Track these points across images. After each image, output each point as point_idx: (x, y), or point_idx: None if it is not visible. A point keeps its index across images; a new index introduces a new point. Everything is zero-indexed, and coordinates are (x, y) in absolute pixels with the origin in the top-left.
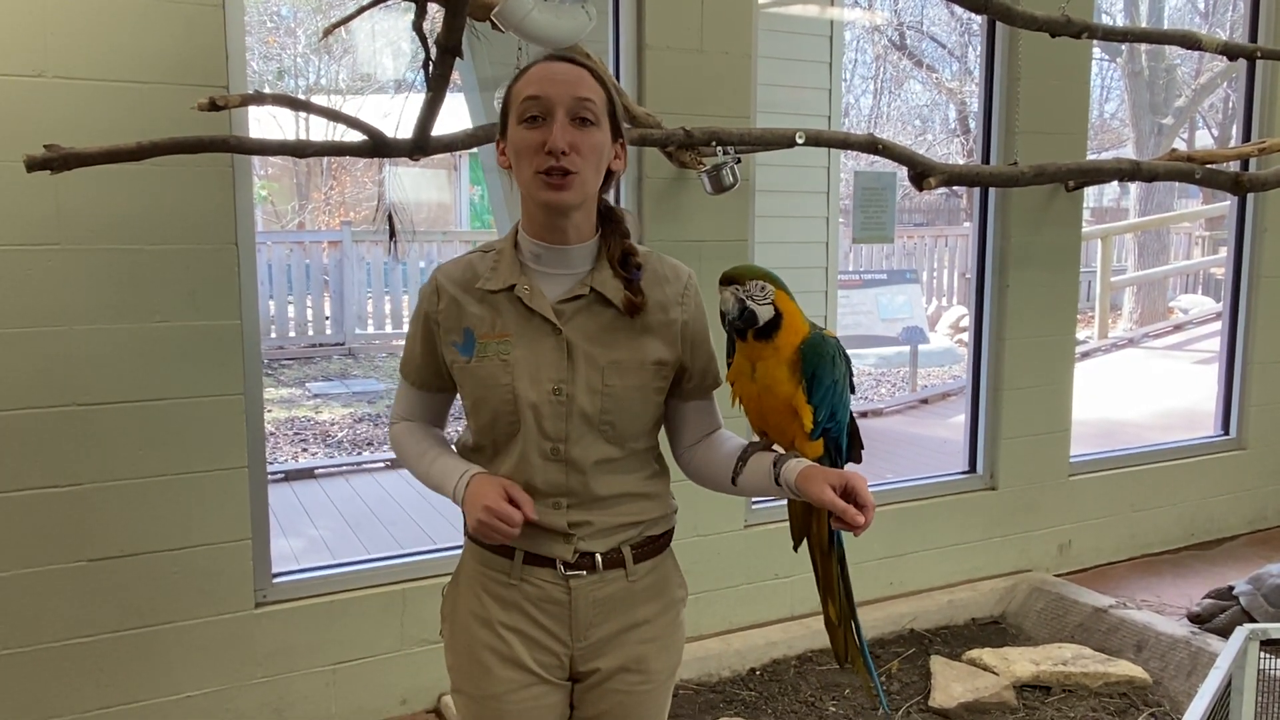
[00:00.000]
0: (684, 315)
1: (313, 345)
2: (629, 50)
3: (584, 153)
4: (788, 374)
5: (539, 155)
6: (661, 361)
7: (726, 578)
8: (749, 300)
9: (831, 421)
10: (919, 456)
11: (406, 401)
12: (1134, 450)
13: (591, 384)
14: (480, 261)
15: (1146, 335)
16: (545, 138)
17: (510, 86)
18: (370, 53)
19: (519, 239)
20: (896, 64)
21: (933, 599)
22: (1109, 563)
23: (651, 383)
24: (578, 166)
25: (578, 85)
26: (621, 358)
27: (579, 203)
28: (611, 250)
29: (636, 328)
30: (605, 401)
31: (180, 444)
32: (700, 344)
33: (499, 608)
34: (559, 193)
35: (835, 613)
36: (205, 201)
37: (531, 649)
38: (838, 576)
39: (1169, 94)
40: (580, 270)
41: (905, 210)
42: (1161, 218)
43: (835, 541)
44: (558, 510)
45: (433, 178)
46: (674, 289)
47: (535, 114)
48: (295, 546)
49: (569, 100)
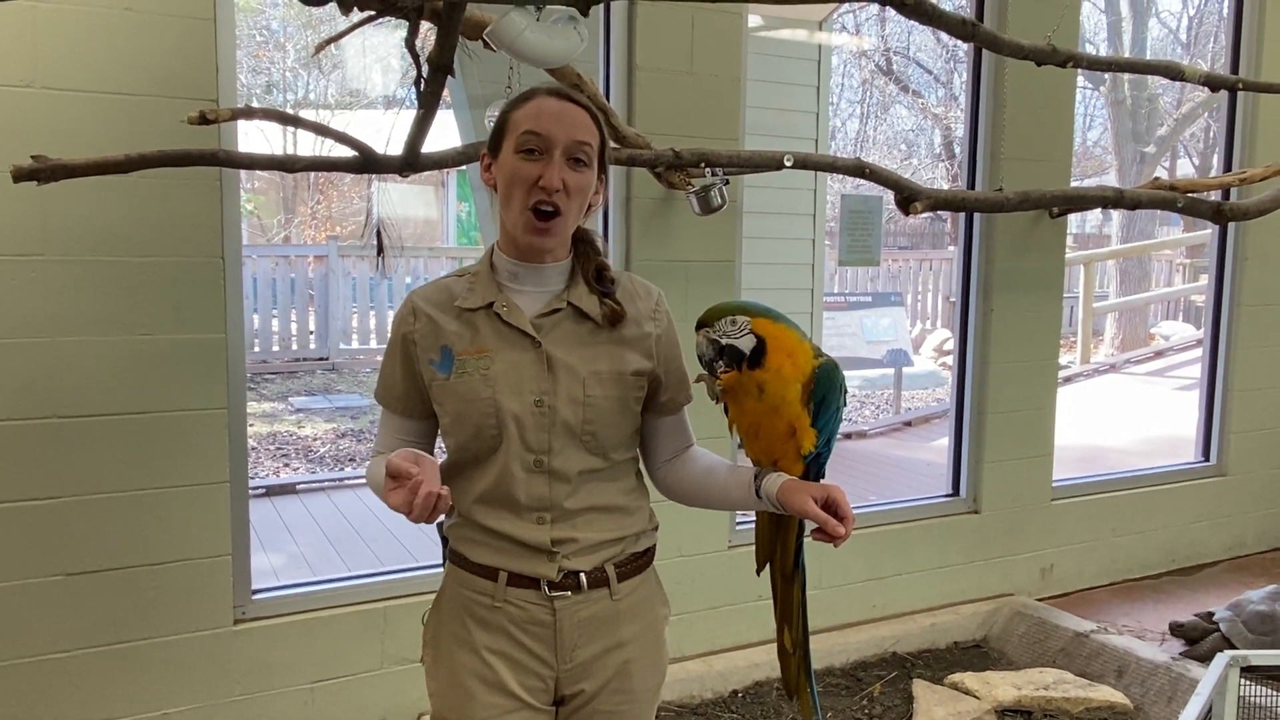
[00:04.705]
0: (657, 329)
1: (296, 360)
2: (619, 71)
3: (573, 194)
4: (798, 395)
5: (533, 190)
6: (639, 372)
7: (709, 598)
8: (723, 338)
9: (826, 446)
10: (902, 479)
11: (388, 433)
12: (1116, 475)
13: (573, 394)
14: (456, 284)
15: (1128, 361)
16: (540, 173)
17: (509, 111)
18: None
19: (494, 259)
20: (883, 89)
21: (915, 622)
22: (1090, 587)
23: (631, 393)
24: (565, 207)
25: (578, 127)
26: (601, 368)
27: (559, 245)
28: (586, 268)
29: (614, 340)
30: (587, 412)
31: (162, 458)
32: (672, 359)
33: (482, 631)
34: (543, 238)
35: (790, 641)
36: (192, 214)
37: (517, 673)
38: (798, 604)
39: (1151, 123)
40: (556, 287)
41: (890, 234)
42: (1143, 245)
43: (799, 567)
44: (541, 526)
45: (420, 194)
46: (646, 305)
47: (534, 148)
48: (275, 563)
49: (568, 141)
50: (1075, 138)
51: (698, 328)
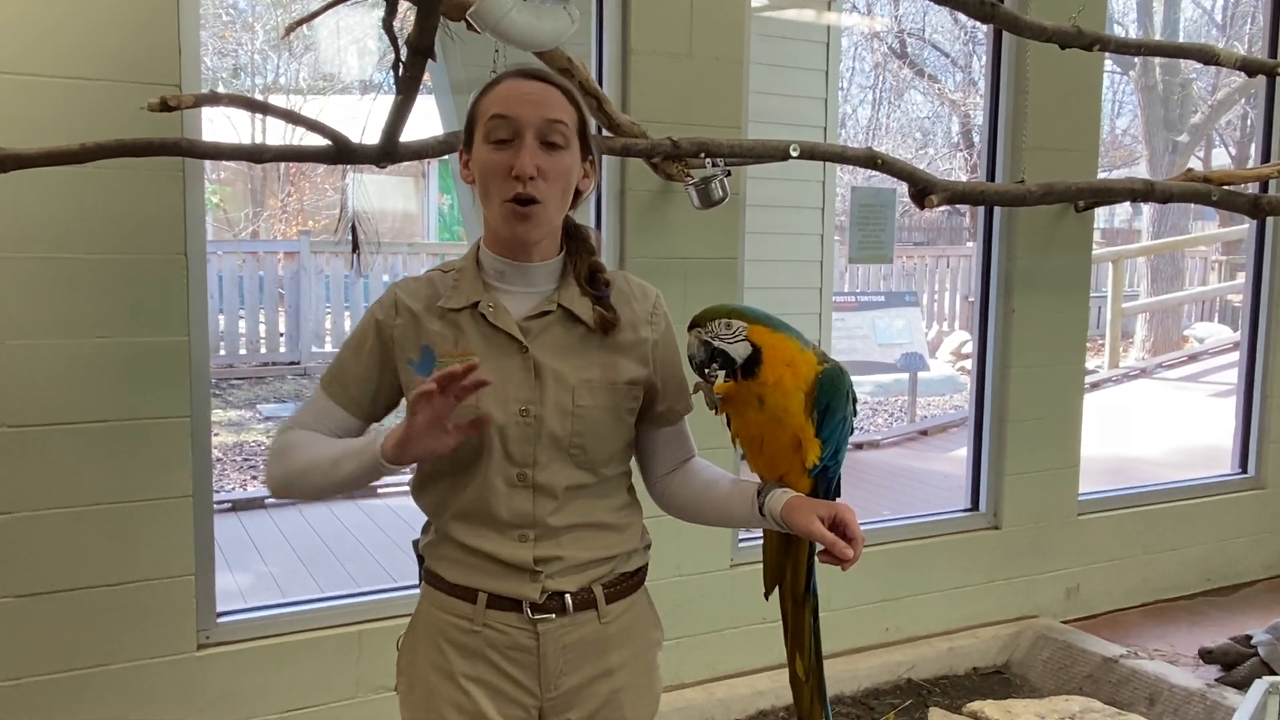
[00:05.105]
0: (654, 334)
1: (265, 364)
2: (613, 54)
3: (551, 178)
4: (801, 404)
5: (506, 180)
6: (634, 381)
7: (710, 621)
8: (715, 341)
9: (832, 459)
10: (918, 492)
11: (314, 419)
12: (1146, 488)
13: (561, 404)
14: (440, 280)
15: (1160, 365)
16: (512, 161)
17: (477, 99)
18: (334, 50)
19: (480, 256)
20: (896, 73)
21: (931, 646)
22: (1119, 609)
23: (624, 404)
24: (543, 195)
25: (548, 106)
26: (592, 377)
27: (543, 236)
28: (578, 268)
29: (607, 346)
30: (576, 423)
31: (119, 470)
32: (671, 365)
33: (461, 658)
34: (524, 225)
35: (803, 668)
36: (152, 208)
37: (498, 702)
38: (809, 629)
39: (1184, 110)
40: (546, 288)
41: (905, 228)
42: (1176, 241)
43: (811, 590)
44: (524, 544)
45: (399, 185)
46: (642, 307)
47: (503, 135)
48: (242, 583)
49: (538, 122)
50: (1102, 126)
51: (690, 327)
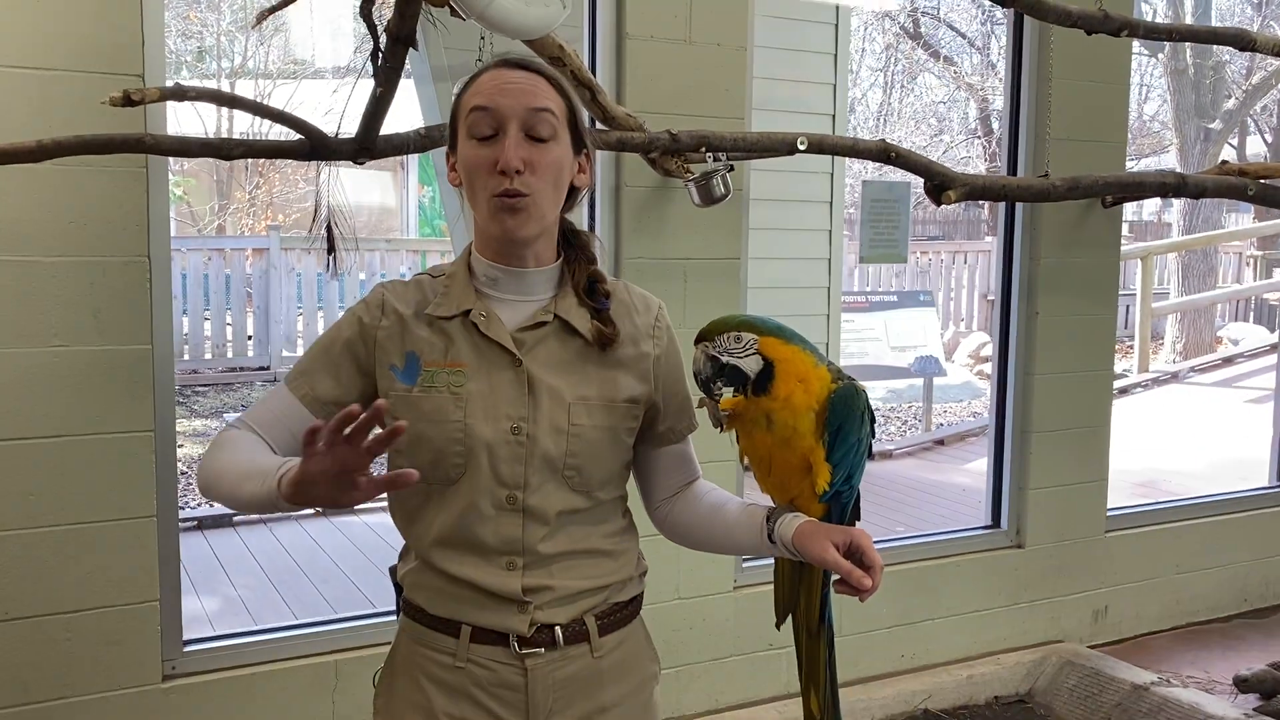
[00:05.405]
0: (656, 349)
1: (233, 370)
2: (607, 41)
3: (540, 171)
4: (811, 425)
5: (492, 176)
6: (634, 399)
7: (713, 648)
8: (724, 355)
9: (845, 485)
10: (933, 508)
11: (272, 416)
12: (1179, 503)
13: (556, 423)
14: (429, 285)
15: (1192, 369)
16: (498, 156)
17: (459, 95)
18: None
19: (472, 262)
20: (910, 55)
21: (950, 674)
22: (1150, 632)
23: (622, 423)
24: (532, 188)
25: (532, 95)
26: (590, 394)
27: (537, 233)
28: (576, 277)
29: (606, 361)
30: (572, 443)
31: (78, 489)
32: (674, 382)
33: (443, 696)
34: (514, 220)
35: (818, 705)
36: (113, 207)
37: None
38: (824, 663)
39: (1217, 95)
40: (542, 297)
41: (919, 221)
42: (1209, 236)
43: (826, 621)
44: (511, 572)
45: (375, 178)
46: (644, 320)
47: (486, 129)
48: (210, 608)
49: (522, 112)
50: (1130, 112)
51: (696, 341)
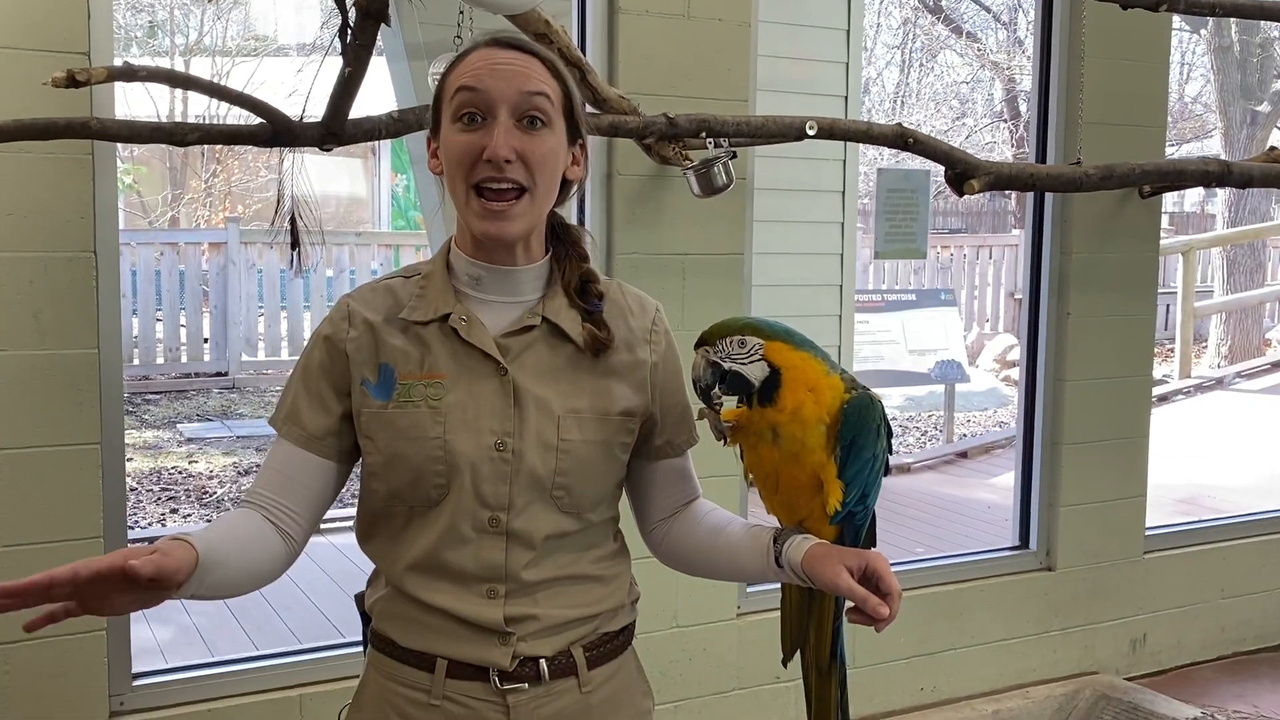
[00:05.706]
0: (653, 356)
1: (187, 375)
2: (598, 15)
3: (533, 162)
4: (822, 439)
5: (477, 164)
6: (629, 412)
7: (714, 680)
8: (726, 361)
9: (860, 504)
10: (956, 526)
11: (279, 476)
12: (1224, 521)
13: (544, 438)
14: (402, 287)
15: (1238, 374)
16: (484, 143)
17: (443, 76)
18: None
19: (451, 259)
20: (929, 31)
21: (974, 709)
22: (1193, 663)
23: (616, 438)
24: (524, 180)
25: (526, 78)
26: (581, 406)
27: (525, 233)
28: (567, 276)
29: (599, 370)
30: (561, 460)
31: (16, 507)
32: (673, 391)
33: None
34: (499, 222)
35: None
36: (56, 197)
37: None
38: (836, 704)
39: (1265, 74)
40: (529, 298)
41: (939, 213)
42: (1256, 229)
43: (838, 657)
44: (493, 600)
45: (343, 165)
46: (640, 324)
47: (472, 112)
48: (162, 637)
49: (514, 96)
50: (1170, 93)
51: (696, 346)
